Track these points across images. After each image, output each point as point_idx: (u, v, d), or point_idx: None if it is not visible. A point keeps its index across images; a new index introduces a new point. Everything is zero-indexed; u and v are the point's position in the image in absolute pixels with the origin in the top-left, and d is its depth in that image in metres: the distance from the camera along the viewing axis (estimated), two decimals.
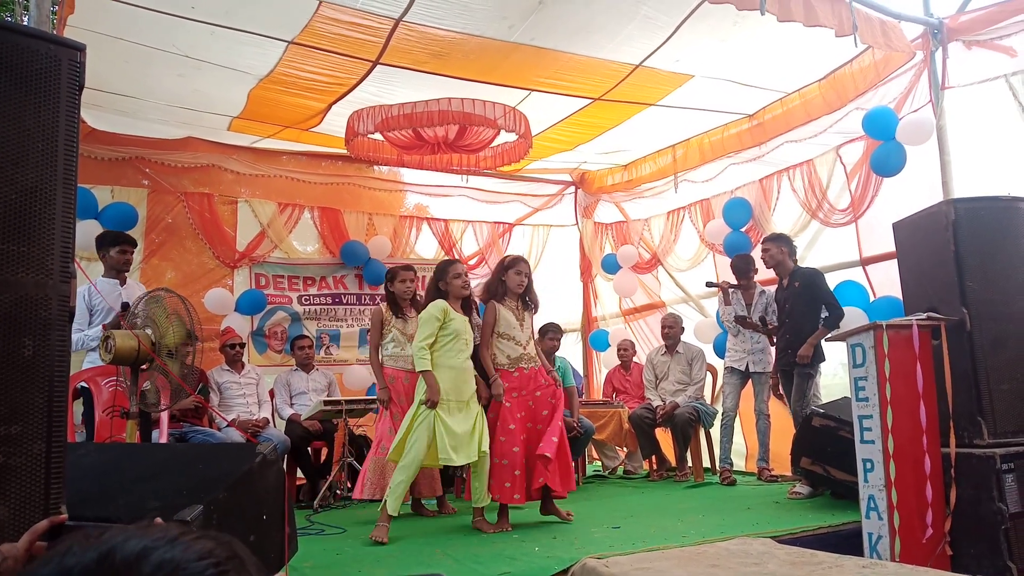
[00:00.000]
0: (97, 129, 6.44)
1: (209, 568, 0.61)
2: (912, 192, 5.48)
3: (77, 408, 5.92)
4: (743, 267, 6.27)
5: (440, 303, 4.61)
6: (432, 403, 4.42)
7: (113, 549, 0.61)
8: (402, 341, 5.36)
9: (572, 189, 9.07)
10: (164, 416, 4.61)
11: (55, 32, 3.97)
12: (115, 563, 0.60)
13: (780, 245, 5.78)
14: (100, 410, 4.73)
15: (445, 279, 4.67)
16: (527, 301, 4.83)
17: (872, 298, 5.81)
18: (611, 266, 8.63)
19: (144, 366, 3.93)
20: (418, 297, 5.50)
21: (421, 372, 4.54)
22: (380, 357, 5.40)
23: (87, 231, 6.25)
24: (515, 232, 8.88)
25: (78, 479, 2.57)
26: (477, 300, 5.04)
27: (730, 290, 6.28)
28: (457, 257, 8.19)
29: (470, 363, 4.62)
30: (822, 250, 6.48)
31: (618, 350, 7.76)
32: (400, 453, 4.49)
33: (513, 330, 4.72)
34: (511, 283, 4.74)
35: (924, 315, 4.07)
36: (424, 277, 8.01)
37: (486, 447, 4.54)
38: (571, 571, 3.33)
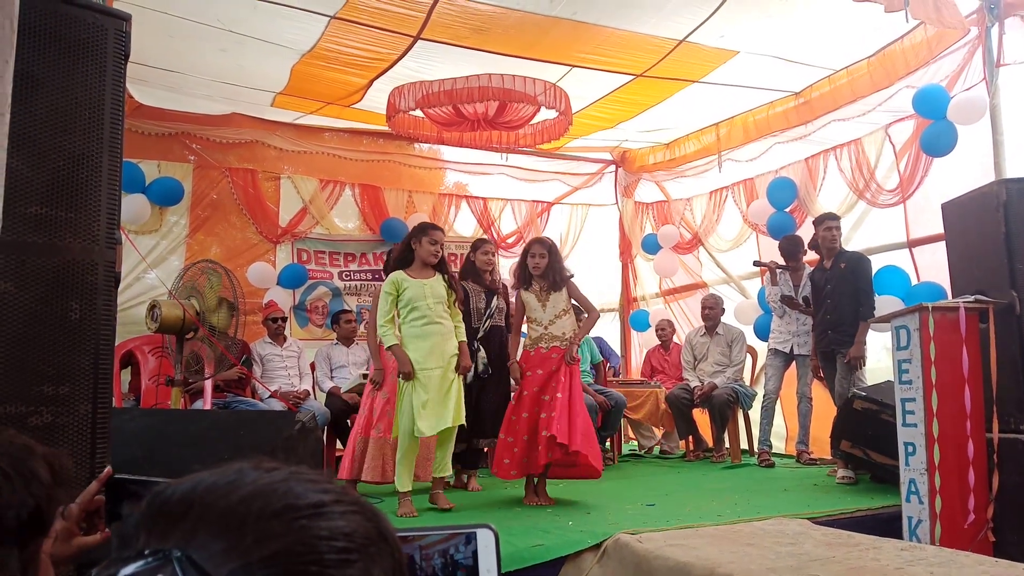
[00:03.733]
0: (144, 104, 6.55)
1: (335, 553, 0.51)
2: (963, 172, 5.33)
3: (124, 377, 6.10)
4: (791, 249, 6.17)
5: (391, 276, 4.57)
6: (406, 375, 4.41)
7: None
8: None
9: (612, 168, 8.99)
10: (208, 385, 4.73)
11: (102, 2, 4.04)
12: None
13: (840, 224, 5.70)
14: (146, 378, 4.87)
15: (419, 238, 4.58)
16: (552, 280, 4.81)
17: (915, 281, 5.68)
18: (651, 246, 8.56)
19: (189, 335, 4.02)
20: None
21: (388, 348, 4.53)
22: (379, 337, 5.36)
23: (134, 205, 6.40)
24: (554, 211, 8.86)
25: (124, 443, 2.65)
26: (507, 285, 5.08)
27: (777, 271, 6.20)
28: (495, 236, 8.21)
29: (439, 327, 4.51)
30: (868, 231, 6.35)
31: (656, 329, 7.73)
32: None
33: (535, 312, 4.78)
34: (530, 267, 4.80)
35: (972, 298, 3.96)
36: (462, 255, 8.07)
37: (460, 418, 4.47)
38: (604, 546, 3.34)
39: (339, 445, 6.42)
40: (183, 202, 6.92)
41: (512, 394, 4.90)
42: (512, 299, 5.44)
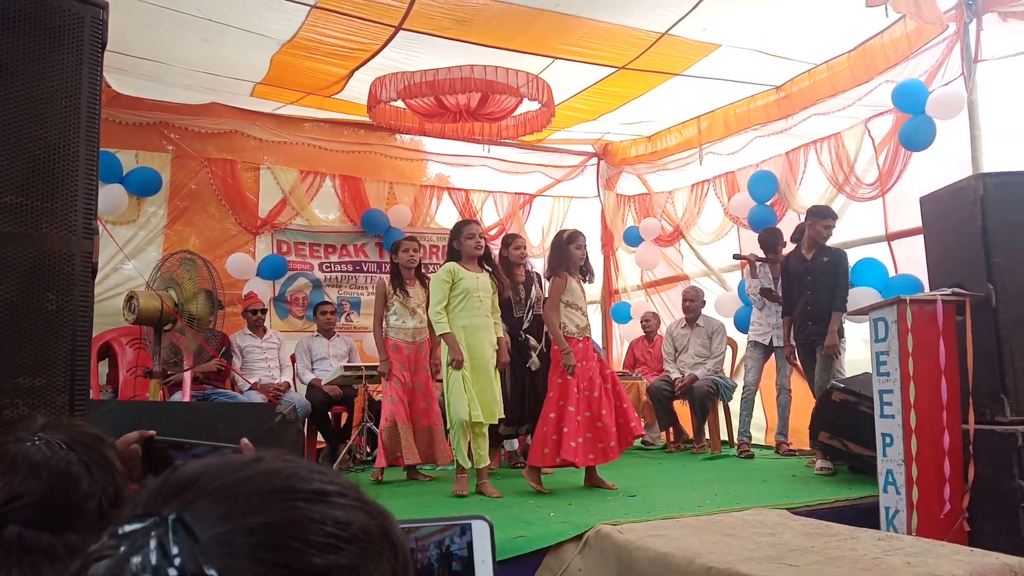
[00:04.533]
0: (121, 93, 6.47)
1: (322, 536, 0.51)
2: (941, 167, 5.38)
3: (102, 369, 6.04)
4: (772, 241, 6.22)
5: (447, 265, 4.75)
6: (456, 362, 4.55)
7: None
8: (403, 313, 5.36)
9: (595, 160, 9.01)
10: (187, 377, 4.69)
11: None
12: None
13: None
14: (124, 370, 4.83)
15: (459, 238, 4.80)
16: (584, 273, 4.98)
17: (892, 274, 5.74)
18: (633, 238, 8.58)
19: (167, 327, 3.99)
20: (423, 269, 5.58)
21: (441, 336, 4.68)
22: (384, 329, 5.41)
23: (112, 195, 6.32)
24: (536, 203, 8.87)
25: None
26: (540, 274, 5.24)
27: (757, 263, 6.25)
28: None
29: (487, 320, 4.73)
30: (847, 224, 6.38)
31: (641, 321, 7.76)
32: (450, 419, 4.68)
33: (580, 300, 4.87)
34: (575, 257, 4.87)
35: (949, 291, 4.01)
36: (444, 247, 8.04)
37: (500, 413, 4.68)
38: (585, 537, 3.35)
39: (320, 437, 6.41)
40: (161, 192, 6.86)
41: (557, 382, 4.83)
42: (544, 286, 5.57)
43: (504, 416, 4.84)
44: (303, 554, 0.50)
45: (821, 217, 5.64)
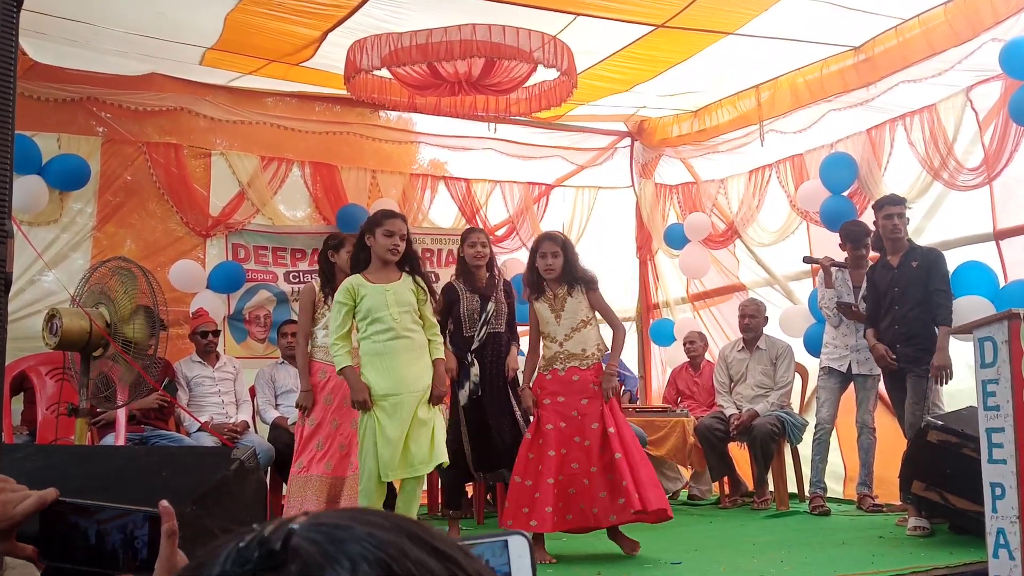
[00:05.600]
0: (40, 63, 6.53)
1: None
2: None
3: (16, 406, 6.08)
4: (857, 234, 6.19)
5: (346, 282, 4.59)
6: (360, 404, 4.46)
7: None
8: None
9: (627, 141, 9.03)
10: (121, 415, 4.72)
11: None
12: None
13: (906, 211, 5.72)
14: (44, 407, 4.86)
15: (372, 232, 4.60)
16: (570, 281, 4.87)
17: (1003, 281, 5.73)
18: (677, 239, 8.59)
19: (97, 352, 4.02)
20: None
21: (339, 372, 4.60)
22: (309, 348, 5.34)
23: (28, 188, 6.37)
24: (554, 195, 8.90)
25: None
26: (509, 281, 5.34)
27: (833, 268, 6.22)
28: (480, 226, 8.22)
29: (404, 342, 4.55)
30: (945, 220, 6.40)
31: (684, 344, 7.76)
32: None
33: (548, 326, 4.85)
34: (540, 270, 4.87)
35: None
36: (440, 251, 8.05)
37: (439, 457, 4.55)
38: None
39: (285, 489, 6.42)
40: (89, 185, 6.89)
41: (526, 426, 4.99)
42: (512, 298, 5.62)
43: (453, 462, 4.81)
44: None
45: (879, 208, 5.67)
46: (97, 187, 6.98)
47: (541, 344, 4.91)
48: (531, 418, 4.97)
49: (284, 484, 6.34)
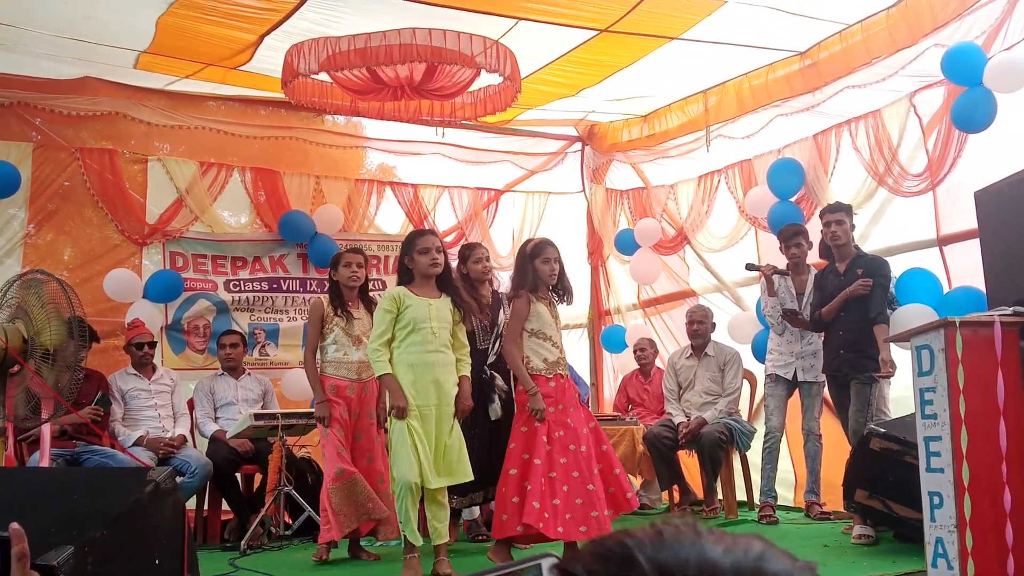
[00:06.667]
0: None
1: None
2: (1004, 153, 5.43)
3: None
4: (787, 233, 6.23)
5: (392, 291, 4.80)
6: (399, 410, 4.55)
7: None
8: (345, 343, 5.40)
9: (577, 146, 9.03)
10: (45, 432, 4.61)
11: None
12: None
13: (850, 218, 5.77)
14: None
15: (410, 253, 4.80)
16: (560, 293, 5.01)
17: (947, 288, 5.77)
18: (627, 245, 8.59)
19: (14, 369, 3.92)
20: (370, 287, 5.63)
21: (379, 378, 4.75)
22: (319, 363, 5.43)
23: None
24: (504, 201, 8.87)
25: None
26: (503, 295, 5.39)
27: (775, 276, 6.25)
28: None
29: (441, 357, 4.74)
30: (890, 226, 6.44)
31: (635, 351, 7.75)
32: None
33: (549, 329, 4.88)
34: (543, 274, 4.88)
35: (1010, 310, 4.02)
36: (387, 258, 8.02)
37: (467, 475, 4.74)
38: None
39: (225, 506, 6.33)
40: (21, 192, 6.78)
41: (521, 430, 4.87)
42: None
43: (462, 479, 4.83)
44: None
45: (821, 215, 5.78)
46: (28, 194, 6.88)
47: (541, 346, 4.85)
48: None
49: (223, 500, 6.29)
